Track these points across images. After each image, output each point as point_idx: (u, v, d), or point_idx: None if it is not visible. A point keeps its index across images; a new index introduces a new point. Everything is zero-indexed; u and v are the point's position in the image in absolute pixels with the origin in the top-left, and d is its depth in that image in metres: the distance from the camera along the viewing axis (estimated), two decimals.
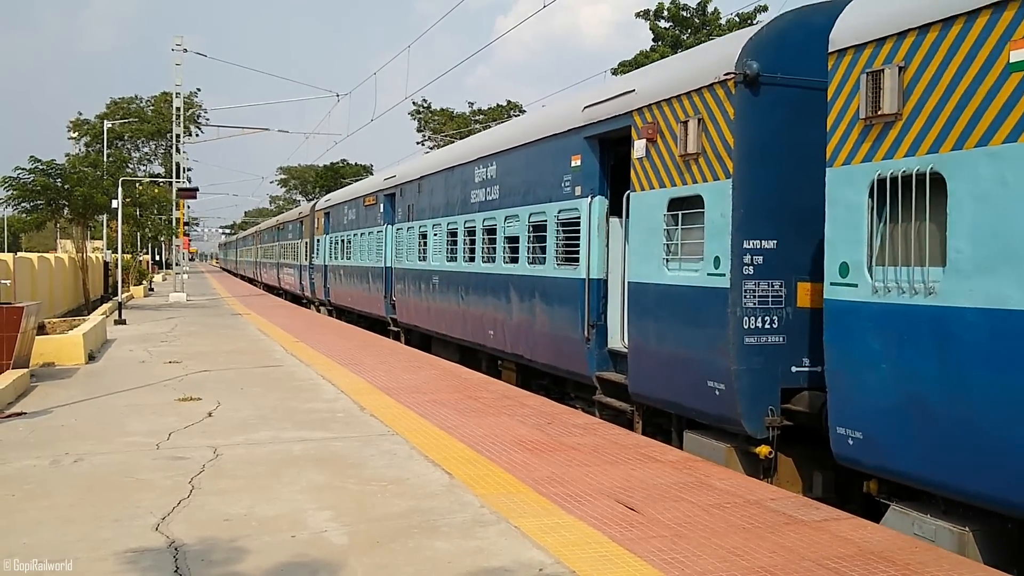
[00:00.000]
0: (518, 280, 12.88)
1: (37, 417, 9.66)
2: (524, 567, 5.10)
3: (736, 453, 8.26)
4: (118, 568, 5.00)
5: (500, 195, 13.82)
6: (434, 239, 17.30)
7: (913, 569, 5.16)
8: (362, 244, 24.07)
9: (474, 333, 14.86)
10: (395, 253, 20.57)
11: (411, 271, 18.98)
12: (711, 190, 8.32)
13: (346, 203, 27.15)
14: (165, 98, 72.59)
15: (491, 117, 65.52)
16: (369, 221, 23.37)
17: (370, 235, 23.12)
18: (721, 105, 8.20)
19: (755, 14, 40.77)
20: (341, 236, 27.37)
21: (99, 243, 38.37)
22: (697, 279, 8.44)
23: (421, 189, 18.49)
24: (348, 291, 26.23)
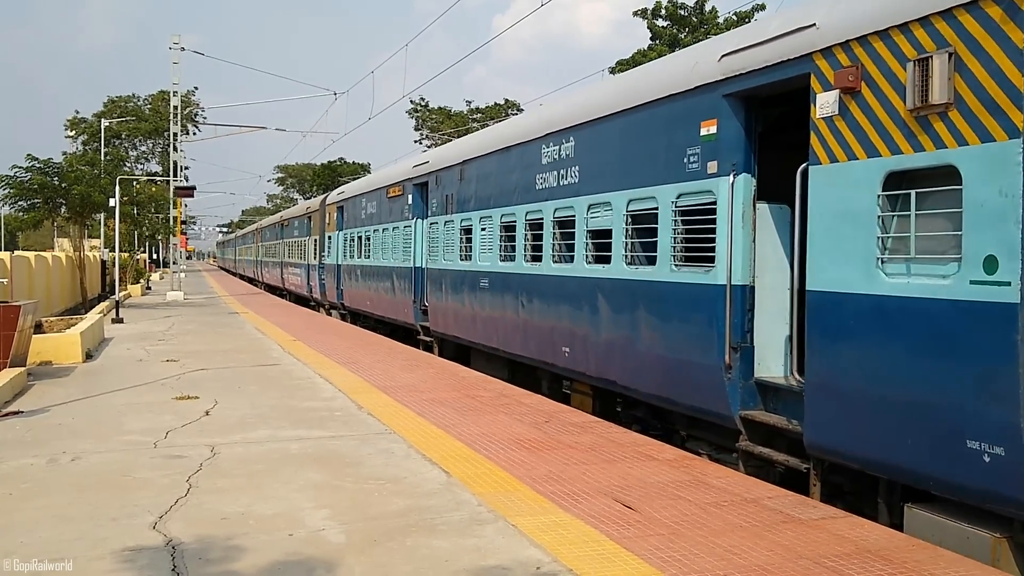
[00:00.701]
0: (610, 286, 10.18)
1: (34, 416, 9.65)
2: (521, 565, 5.10)
3: (1011, 548, 5.71)
4: (116, 567, 5.00)
5: (581, 178, 11.05)
6: (482, 235, 14.57)
7: (911, 567, 5.16)
8: (384, 241, 21.18)
9: (538, 349, 12.22)
10: (427, 251, 17.78)
11: (449, 272, 16.13)
12: (975, 157, 5.83)
13: (364, 195, 24.12)
14: (162, 96, 72.53)
15: (489, 116, 65.56)
16: (394, 215, 20.51)
17: (395, 231, 20.30)
18: (996, 29, 5.73)
19: (752, 12, 40.82)
20: (358, 232, 24.47)
21: (96, 242, 38.32)
22: (947, 289, 5.94)
23: (464, 176, 15.64)
24: (367, 294, 23.44)
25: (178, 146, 39.03)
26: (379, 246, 21.70)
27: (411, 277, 18.83)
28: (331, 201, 29.30)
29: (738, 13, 42.21)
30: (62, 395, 11.03)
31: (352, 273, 25.22)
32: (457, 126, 64.83)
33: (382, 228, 21.56)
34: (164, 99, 69.01)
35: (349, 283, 25.80)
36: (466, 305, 15.15)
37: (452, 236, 16.08)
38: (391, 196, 20.74)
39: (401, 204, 19.83)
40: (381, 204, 21.84)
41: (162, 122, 68.42)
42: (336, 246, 27.53)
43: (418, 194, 18.60)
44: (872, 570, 5.10)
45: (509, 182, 13.49)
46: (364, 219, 23.82)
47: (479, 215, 14.69)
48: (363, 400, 10.76)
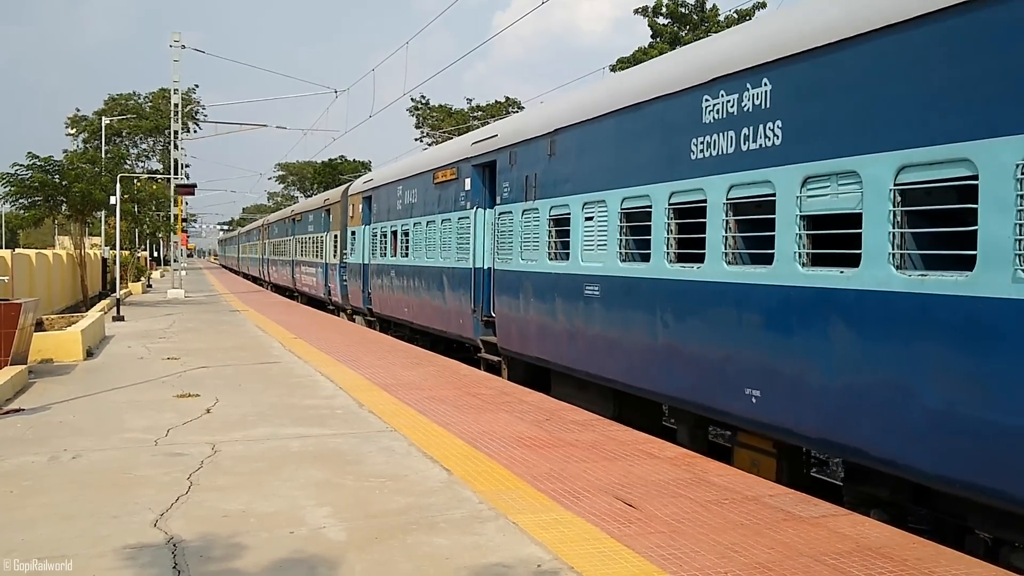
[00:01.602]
0: (859, 301, 6.66)
1: (35, 413, 9.66)
2: (522, 563, 5.10)
3: None
4: (117, 564, 5.00)
5: (784, 139, 7.51)
6: (587, 227, 10.84)
7: (911, 565, 5.16)
8: (430, 236, 17.53)
9: (694, 386, 8.76)
10: (496, 249, 14.00)
11: (532, 276, 12.39)
12: None
13: (400, 182, 20.31)
14: (163, 94, 72.52)
15: (489, 113, 65.55)
16: (444, 204, 16.83)
17: (445, 224, 16.62)
18: None
19: (753, 10, 40.77)
20: (392, 226, 20.78)
21: (97, 239, 38.32)
22: None
23: (556, 149, 11.82)
24: (404, 300, 19.50)
25: (179, 144, 39.02)
26: (422, 242, 18.05)
27: (470, 281, 15.01)
28: (356, 191, 25.37)
29: (739, 11, 42.17)
30: (63, 393, 11.03)
31: (383, 274, 21.49)
32: (458, 124, 64.82)
33: (426, 221, 17.88)
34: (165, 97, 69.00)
35: (379, 286, 21.98)
36: (559, 319, 11.56)
37: (536, 229, 12.36)
38: (440, 182, 17.05)
39: (454, 191, 16.14)
40: (425, 192, 18.05)
41: (163, 120, 68.44)
42: (362, 243, 23.81)
43: (479, 177, 15.09)
44: (873, 568, 5.10)
45: (638, 154, 9.85)
46: (400, 210, 20.05)
47: (581, 200, 11.00)
48: (364, 398, 10.76)
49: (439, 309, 16.91)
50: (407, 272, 19.25)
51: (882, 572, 5.04)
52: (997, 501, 5.70)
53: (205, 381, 12.02)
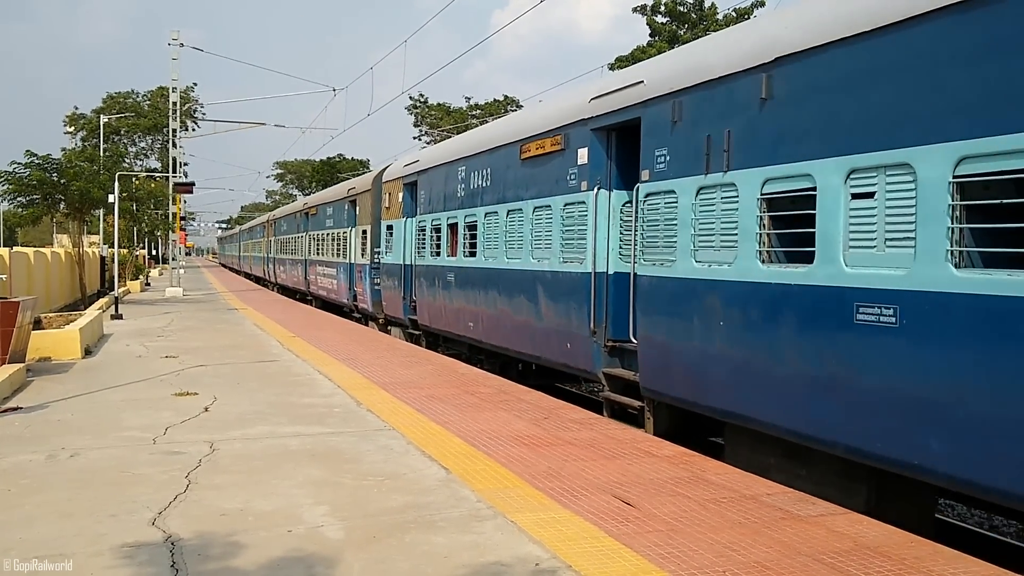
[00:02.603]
0: None
1: (33, 412, 9.65)
2: (520, 561, 5.10)
3: None
4: (115, 563, 4.99)
5: None
6: (862, 211, 6.69)
7: (910, 564, 5.16)
8: (515, 230, 13.18)
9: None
10: (639, 244, 9.83)
11: (725, 289, 8.28)
12: None
13: (463, 161, 15.77)
14: (162, 92, 72.45)
15: (488, 112, 65.52)
16: (539, 185, 12.46)
17: (543, 213, 12.21)
18: None
19: (752, 9, 40.77)
20: (450, 218, 16.31)
21: (95, 238, 38.29)
22: None
23: (775, 90, 7.70)
24: (467, 311, 15.09)
25: (177, 142, 38.99)
26: (498, 238, 13.83)
27: (586, 291, 10.86)
28: (393, 176, 20.93)
29: (737, 10, 42.17)
30: (61, 391, 11.02)
31: (435, 279, 17.00)
32: (456, 122, 64.79)
33: (505, 210, 13.57)
34: (163, 95, 68.94)
35: (428, 293, 17.51)
36: (789, 358, 7.42)
37: (729, 215, 8.25)
38: (532, 156, 12.60)
39: (557, 167, 11.81)
40: (504, 171, 13.78)
41: (161, 118, 68.34)
42: (403, 239, 19.38)
43: (601, 146, 10.80)
44: (871, 566, 5.10)
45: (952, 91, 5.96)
46: (462, 197, 15.69)
47: (846, 166, 6.83)
48: (362, 396, 10.76)
49: (528, 327, 12.60)
50: (474, 277, 14.83)
51: (880, 571, 5.04)
52: None
53: (203, 379, 12.01)
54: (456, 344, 16.68)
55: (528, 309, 12.64)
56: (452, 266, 16.08)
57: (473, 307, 14.87)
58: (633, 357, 10.04)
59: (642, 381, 9.71)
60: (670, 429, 9.61)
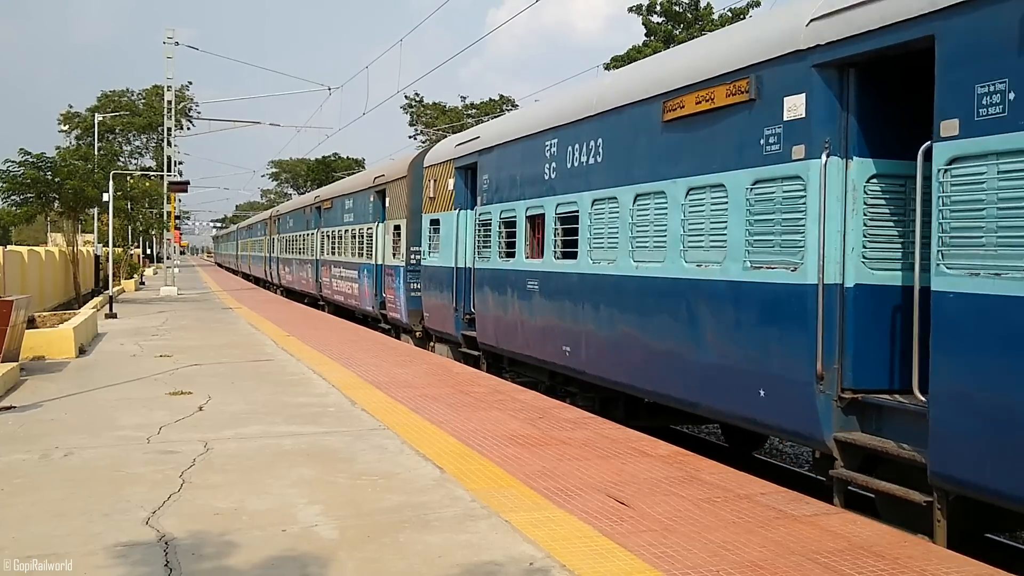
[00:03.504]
0: None
1: (27, 411, 9.63)
2: (514, 561, 5.10)
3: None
4: (108, 562, 4.99)
5: None
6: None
7: (903, 563, 5.17)
8: (657, 223, 9.50)
9: None
10: (943, 244, 6.16)
11: None
12: None
13: (555, 132, 11.99)
14: (156, 91, 72.16)
15: (484, 111, 65.51)
16: (692, 159, 8.95)
17: (702, 197, 8.75)
18: None
19: (748, 9, 40.82)
20: (535, 207, 12.48)
21: (90, 236, 38.23)
22: None
23: None
24: (565, 332, 11.47)
25: (172, 141, 38.92)
26: (620, 233, 10.11)
27: (804, 312, 7.35)
28: (439, 160, 17.19)
29: (733, 10, 42.21)
30: (55, 390, 11.00)
31: (508, 287, 13.34)
32: (452, 122, 64.79)
33: (632, 194, 9.89)
34: (158, 94, 68.65)
35: (497, 304, 13.77)
36: None
37: None
38: (683, 116, 9.01)
39: (739, 128, 8.23)
40: (629, 141, 10.07)
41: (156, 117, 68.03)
42: (455, 237, 15.70)
43: (832, 91, 7.29)
44: (865, 566, 5.11)
45: None
46: (553, 180, 11.93)
47: None
48: (356, 396, 10.75)
49: (676, 359, 9.10)
50: (573, 286, 11.25)
51: (874, 570, 5.05)
52: None
53: (198, 379, 12.00)
54: (534, 371, 13.17)
55: (677, 334, 9.06)
56: (535, 271, 12.38)
57: (571, 326, 11.23)
58: (899, 419, 6.83)
59: (936, 464, 6.13)
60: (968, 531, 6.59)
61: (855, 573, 5.00)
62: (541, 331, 12.19)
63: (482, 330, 14.46)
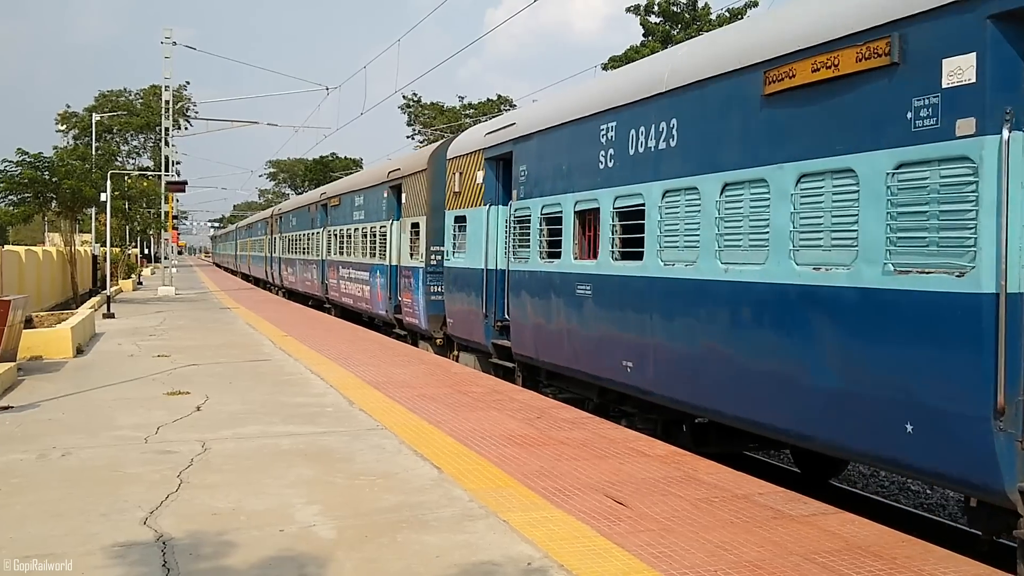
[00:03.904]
0: None
1: (24, 411, 9.61)
2: (512, 561, 5.10)
3: None
4: (106, 562, 4.98)
5: None
6: None
7: (901, 563, 5.18)
8: (755, 218, 7.87)
9: None
10: None
11: None
12: None
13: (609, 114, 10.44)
14: (154, 91, 72.14)
15: (481, 111, 65.50)
16: (804, 139, 7.34)
17: (821, 185, 7.15)
18: None
19: (745, 9, 40.85)
20: (587, 201, 10.86)
21: (87, 236, 38.18)
22: None
23: None
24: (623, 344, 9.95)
25: (170, 141, 38.88)
26: (704, 231, 8.51)
27: (975, 333, 5.84)
28: (465, 150, 15.50)
29: (731, 10, 42.24)
30: (52, 390, 10.99)
31: (552, 291, 11.64)
32: (450, 121, 64.79)
33: (720, 184, 8.30)
34: (156, 94, 68.62)
35: (537, 311, 12.08)
36: None
37: None
38: (793, 88, 7.44)
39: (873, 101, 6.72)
40: (713, 121, 8.53)
41: (154, 117, 67.98)
42: (485, 235, 14.05)
43: (1015, 48, 5.85)
44: (863, 566, 5.12)
45: None
46: (610, 169, 10.28)
47: None
48: (354, 396, 10.75)
49: (783, 382, 7.47)
50: (637, 292, 9.55)
51: (872, 570, 5.06)
52: None
53: (195, 379, 11.99)
54: (580, 387, 11.59)
55: (783, 351, 7.46)
56: (587, 274, 10.68)
57: (634, 338, 9.60)
58: None
59: None
60: None
61: (853, 573, 5.00)
62: (594, 342, 10.54)
63: (518, 340, 12.82)
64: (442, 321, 16.61)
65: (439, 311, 16.78)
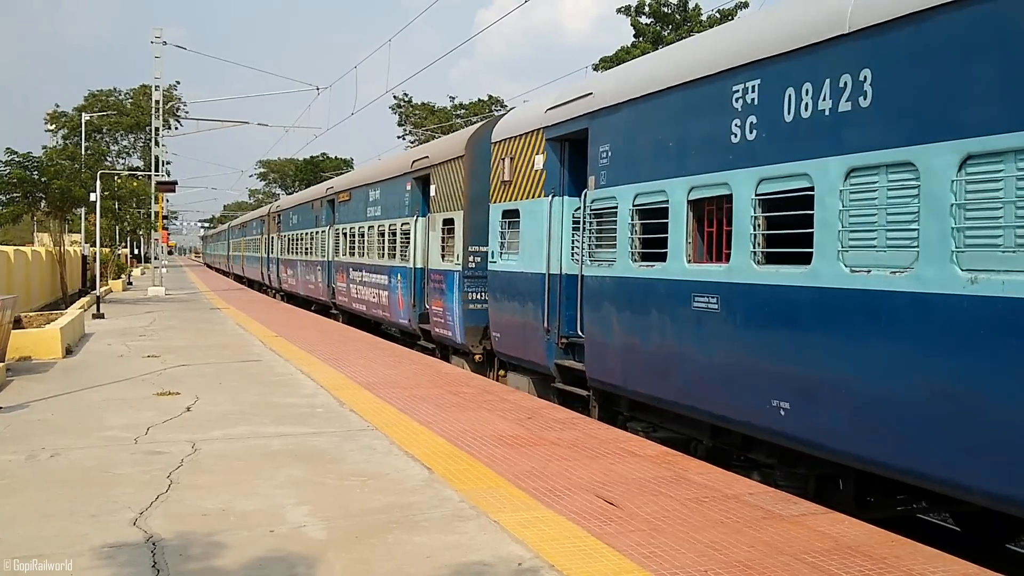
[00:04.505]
0: None
1: (13, 411, 9.57)
2: (503, 561, 5.10)
3: None
4: (95, 563, 4.96)
5: None
6: None
7: (890, 563, 5.20)
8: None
9: None
10: None
11: None
12: None
13: (749, 69, 7.84)
14: (144, 91, 71.96)
15: (472, 112, 65.51)
16: None
17: None
18: None
19: (736, 10, 40.95)
20: (714, 186, 8.32)
21: (77, 236, 38.04)
22: None
23: None
24: (774, 377, 7.38)
25: (160, 140, 38.78)
26: (937, 221, 5.93)
27: None
28: (520, 130, 12.86)
29: (721, 11, 42.35)
30: (41, 391, 10.94)
31: (660, 304, 9.12)
32: (441, 122, 64.77)
33: (1004, 154, 5.45)
34: (146, 93, 68.46)
35: (626, 329, 9.81)
36: None
37: None
38: None
39: None
40: (956, 64, 5.83)
41: (144, 116, 67.77)
42: (551, 233, 11.57)
43: None
44: (852, 566, 5.14)
45: None
46: (749, 144, 7.83)
47: None
48: (345, 396, 10.73)
49: None
50: (815, 309, 7.04)
51: (861, 570, 5.08)
52: None
53: (185, 379, 11.95)
54: (686, 425, 9.18)
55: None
56: (712, 282, 8.20)
57: (794, 370, 7.22)
58: None
59: None
60: None
61: (843, 573, 5.02)
62: (721, 372, 8.05)
63: (596, 362, 10.35)
64: (482, 334, 14.64)
65: (478, 322, 14.64)
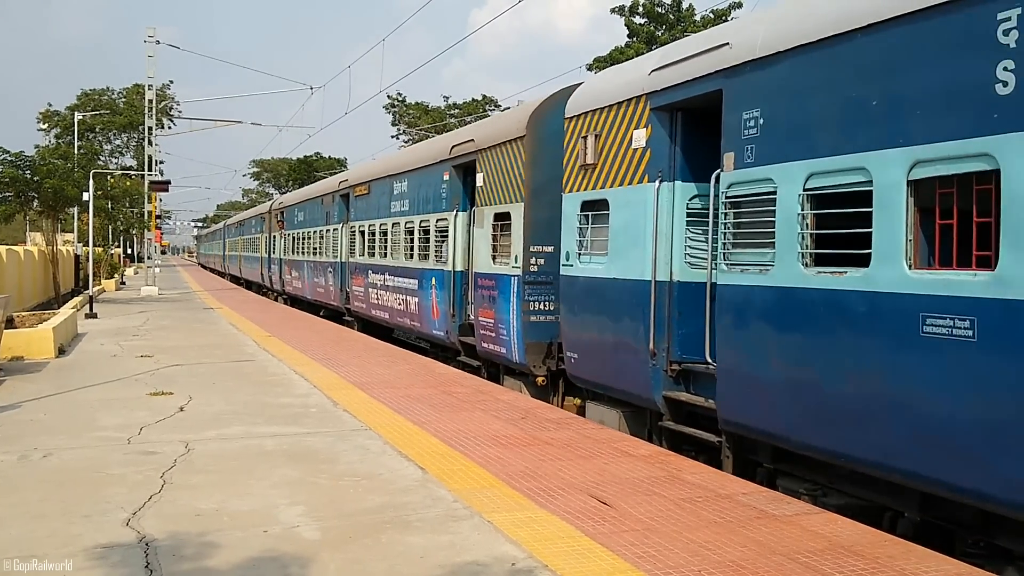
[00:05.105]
0: None
1: (5, 412, 9.54)
2: (497, 561, 5.10)
3: None
4: (88, 564, 4.95)
5: None
6: None
7: (882, 563, 5.21)
8: None
9: None
10: None
11: None
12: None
13: None
14: (137, 90, 71.72)
15: (466, 111, 65.49)
16: None
17: None
18: None
19: (729, 11, 41.01)
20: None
21: (70, 236, 37.94)
22: None
23: None
24: None
25: (153, 140, 38.69)
26: None
27: None
28: (602, 103, 10.34)
29: (715, 11, 42.38)
30: (34, 391, 10.91)
31: (851, 327, 6.39)
32: (435, 121, 64.74)
33: None
34: (139, 92, 68.19)
35: (803, 356, 6.93)
36: None
37: None
38: None
39: None
40: None
41: (137, 116, 67.54)
42: (659, 229, 9.07)
43: None
44: (845, 565, 5.15)
45: None
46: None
47: None
48: (338, 396, 10.72)
49: None
50: None
51: (854, 569, 5.09)
52: None
53: (179, 379, 11.93)
54: (880, 491, 6.65)
55: None
56: (959, 297, 5.57)
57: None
58: None
59: None
60: None
61: (836, 572, 5.04)
62: (973, 427, 5.49)
63: (736, 399, 7.82)
64: (545, 352, 12.29)
65: (542, 337, 12.28)
